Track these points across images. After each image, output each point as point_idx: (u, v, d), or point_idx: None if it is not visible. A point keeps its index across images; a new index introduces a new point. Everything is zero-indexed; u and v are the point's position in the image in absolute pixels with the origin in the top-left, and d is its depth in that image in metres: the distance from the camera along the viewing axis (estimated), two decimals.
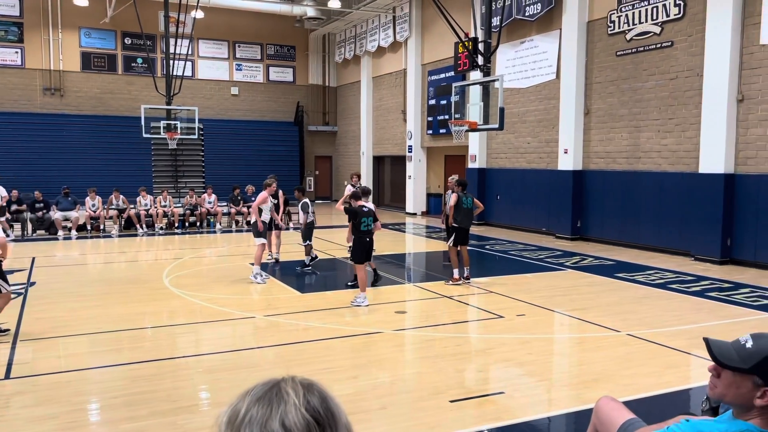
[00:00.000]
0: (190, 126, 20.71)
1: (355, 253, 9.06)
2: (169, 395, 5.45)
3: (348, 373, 6.07)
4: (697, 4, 12.88)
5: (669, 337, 7.23)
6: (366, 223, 8.93)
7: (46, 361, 6.46)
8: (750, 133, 12.04)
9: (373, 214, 9.12)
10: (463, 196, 10.48)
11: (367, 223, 8.95)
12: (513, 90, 17.80)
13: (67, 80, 25.07)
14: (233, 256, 13.84)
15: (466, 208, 10.47)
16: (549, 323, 8.25)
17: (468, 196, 10.60)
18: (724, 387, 2.04)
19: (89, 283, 10.85)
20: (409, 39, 22.97)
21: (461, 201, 10.43)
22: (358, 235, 9.00)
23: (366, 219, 8.93)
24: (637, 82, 14.31)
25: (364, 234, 8.96)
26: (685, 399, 5.50)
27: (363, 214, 8.93)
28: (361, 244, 8.98)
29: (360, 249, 8.98)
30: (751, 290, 9.94)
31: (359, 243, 8.99)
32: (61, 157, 23.61)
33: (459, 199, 10.42)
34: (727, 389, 2.03)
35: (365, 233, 8.97)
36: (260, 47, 28.38)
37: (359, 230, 8.96)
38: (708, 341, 2.10)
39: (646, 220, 14.20)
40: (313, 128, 29.77)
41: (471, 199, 10.63)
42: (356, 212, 8.97)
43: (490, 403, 5.35)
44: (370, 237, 9.07)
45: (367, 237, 8.99)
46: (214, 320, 8.22)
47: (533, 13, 16.82)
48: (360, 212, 8.94)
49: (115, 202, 17.75)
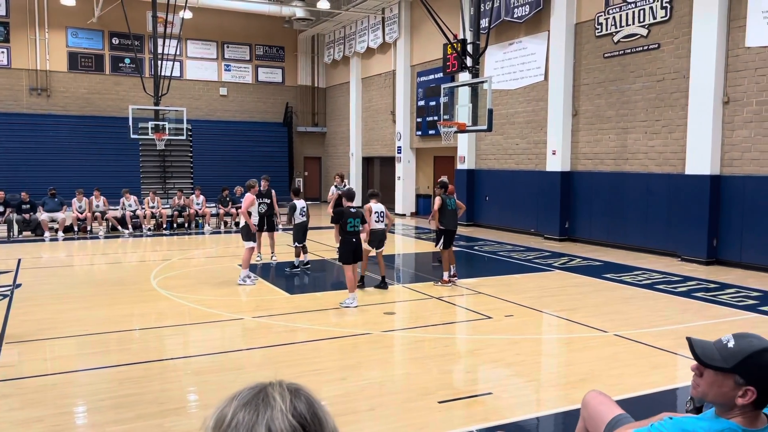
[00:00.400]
0: (178, 127, 20.61)
1: (342, 254, 9.05)
2: (157, 398, 5.43)
3: (336, 374, 6.07)
4: (683, 7, 12.99)
5: (655, 337, 7.28)
6: (352, 223, 8.94)
7: (32, 364, 6.42)
8: (735, 134, 12.15)
9: (360, 215, 9.13)
10: (447, 198, 10.57)
11: (354, 224, 8.96)
12: (501, 91, 17.87)
13: (54, 80, 24.89)
14: (222, 257, 13.79)
15: (450, 210, 10.55)
16: (537, 324, 8.29)
17: (451, 197, 10.70)
18: (706, 386, 2.07)
19: (76, 285, 10.76)
20: (398, 40, 23.00)
21: (445, 203, 10.51)
22: (345, 236, 8.99)
23: (352, 220, 8.94)
24: (624, 83, 14.42)
25: (350, 234, 8.96)
26: (671, 399, 5.54)
27: (349, 215, 8.95)
28: (348, 244, 8.97)
29: (347, 250, 8.97)
30: (737, 290, 10.03)
31: (346, 243, 8.98)
32: (48, 158, 23.43)
33: (443, 202, 10.50)
34: (709, 388, 2.06)
35: (351, 234, 8.96)
36: (249, 48, 28.31)
37: (345, 231, 8.96)
38: (691, 340, 2.13)
39: (634, 221, 14.30)
40: (302, 129, 29.73)
41: (454, 201, 10.73)
42: (342, 213, 9.01)
43: (478, 403, 5.37)
44: (357, 237, 9.07)
45: (353, 237, 8.98)
46: (203, 322, 8.18)
47: (521, 15, 16.90)
48: (346, 213, 8.96)
49: (96, 202, 17.57)
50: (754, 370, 1.95)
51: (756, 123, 11.78)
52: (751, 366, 1.96)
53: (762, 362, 1.95)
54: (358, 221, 9.03)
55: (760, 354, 1.96)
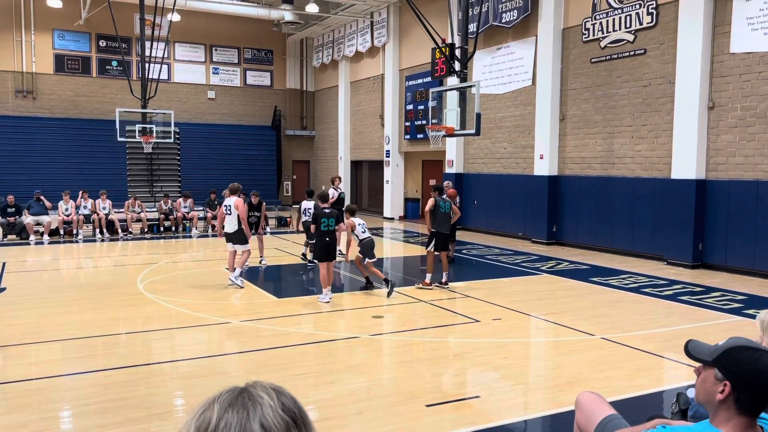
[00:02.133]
0: (165, 130, 20.49)
1: (317, 251, 9.57)
2: (143, 402, 5.39)
3: (324, 378, 6.06)
4: (669, 13, 13.12)
5: (642, 340, 7.33)
6: (326, 223, 9.42)
7: (17, 368, 6.35)
8: (720, 139, 12.28)
9: (335, 215, 9.60)
10: (441, 201, 10.53)
11: (328, 224, 9.43)
12: (489, 96, 17.94)
13: (40, 82, 24.70)
14: (209, 261, 13.72)
15: (443, 213, 10.51)
16: (525, 327, 8.32)
17: (446, 201, 10.67)
18: (698, 384, 2.10)
19: (61, 289, 10.67)
20: (387, 44, 23.05)
21: (438, 205, 10.47)
22: (319, 235, 9.44)
23: (326, 219, 9.43)
24: (611, 88, 14.53)
25: (324, 234, 9.42)
26: (657, 401, 5.57)
27: (323, 215, 9.46)
28: (322, 243, 9.44)
29: (320, 247, 9.44)
30: (722, 294, 10.13)
31: (320, 242, 9.45)
32: (34, 161, 23.24)
33: (436, 204, 10.46)
34: (699, 386, 2.09)
35: (326, 233, 9.43)
36: (237, 51, 28.25)
37: (320, 230, 9.42)
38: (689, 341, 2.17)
39: (620, 225, 14.40)
40: (290, 132, 29.69)
41: (449, 205, 10.69)
42: (317, 215, 9.50)
43: (466, 407, 5.37)
44: (331, 237, 9.49)
45: (327, 237, 9.44)
46: (190, 326, 8.14)
47: (509, 20, 16.99)
48: (320, 214, 9.48)
49: (84, 204, 17.36)
50: (730, 365, 1.99)
51: (740, 128, 11.91)
52: (728, 360, 2.00)
53: (739, 357, 1.98)
54: (333, 221, 9.49)
55: (739, 350, 2.00)
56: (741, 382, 1.95)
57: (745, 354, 1.98)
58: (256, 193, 13.00)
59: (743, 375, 1.95)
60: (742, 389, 1.95)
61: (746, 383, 1.95)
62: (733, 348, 2.01)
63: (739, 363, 1.97)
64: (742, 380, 1.95)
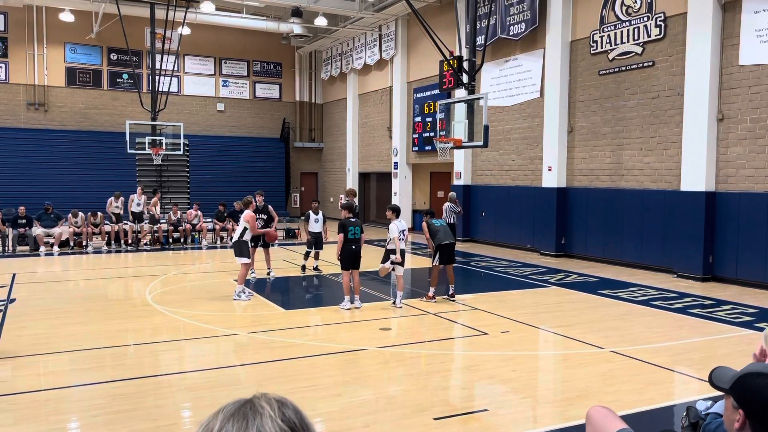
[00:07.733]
0: (175, 142, 20.64)
1: (343, 260, 9.67)
2: (150, 413, 5.39)
3: (332, 390, 6.04)
4: (677, 25, 13.12)
5: (651, 353, 7.27)
6: (352, 231, 9.61)
7: (26, 379, 6.37)
8: (730, 151, 12.22)
9: (359, 224, 9.80)
10: (432, 221, 10.77)
11: (354, 232, 9.63)
12: (497, 108, 17.96)
13: (52, 95, 24.94)
14: (218, 272, 13.75)
15: (440, 226, 10.58)
16: (533, 340, 8.27)
17: (437, 220, 10.96)
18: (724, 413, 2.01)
19: (70, 300, 10.72)
20: (395, 57, 23.15)
21: (431, 226, 10.63)
22: (346, 244, 9.60)
23: (353, 228, 9.62)
24: (619, 100, 14.51)
25: (350, 242, 9.60)
26: (667, 416, 5.52)
27: (350, 224, 9.65)
28: (348, 251, 9.59)
29: (346, 256, 9.59)
30: (733, 307, 10.04)
31: (346, 251, 9.60)
32: (45, 173, 23.41)
33: (429, 225, 10.68)
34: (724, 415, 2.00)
35: (352, 241, 9.61)
36: (246, 64, 28.44)
37: (347, 238, 9.59)
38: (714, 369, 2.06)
39: (629, 238, 14.32)
40: (299, 144, 29.80)
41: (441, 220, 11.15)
42: (344, 224, 9.64)
43: (474, 420, 5.34)
44: (357, 245, 9.67)
45: (353, 245, 9.62)
46: (197, 337, 8.15)
47: (517, 32, 17.04)
48: (347, 223, 9.65)
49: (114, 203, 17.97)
50: (743, 392, 1.89)
51: (750, 140, 11.86)
52: (741, 387, 1.90)
53: (751, 384, 1.86)
54: (358, 229, 9.69)
55: (751, 376, 1.89)
56: (752, 410, 1.86)
57: (757, 381, 1.87)
58: (261, 192, 12.49)
59: (753, 403, 1.84)
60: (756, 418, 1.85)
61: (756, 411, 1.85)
62: (746, 375, 1.90)
63: (750, 391, 1.88)
64: (754, 409, 1.86)
